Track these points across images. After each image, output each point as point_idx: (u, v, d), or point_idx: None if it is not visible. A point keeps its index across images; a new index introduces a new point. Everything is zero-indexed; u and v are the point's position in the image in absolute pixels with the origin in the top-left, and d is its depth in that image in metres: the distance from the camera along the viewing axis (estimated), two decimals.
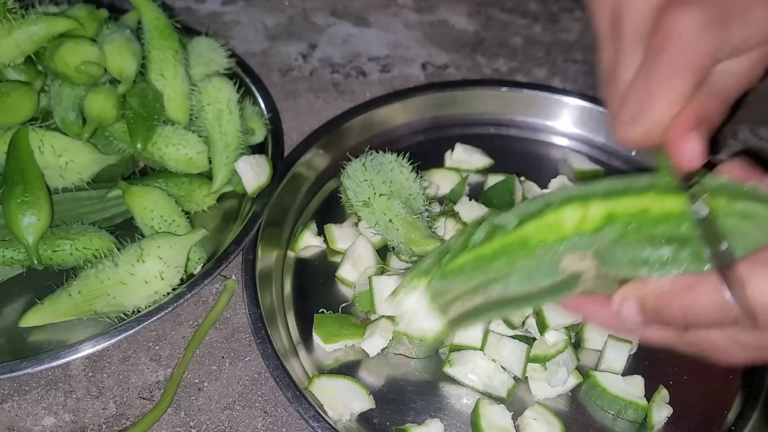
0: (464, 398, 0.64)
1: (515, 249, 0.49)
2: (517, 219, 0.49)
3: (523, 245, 0.49)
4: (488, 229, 0.50)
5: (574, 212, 0.48)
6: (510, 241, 0.49)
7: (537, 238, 0.48)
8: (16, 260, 0.68)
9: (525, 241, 0.49)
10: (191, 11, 1.06)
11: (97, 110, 0.71)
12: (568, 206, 0.48)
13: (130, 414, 0.62)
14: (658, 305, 0.46)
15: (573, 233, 0.48)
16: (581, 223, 0.48)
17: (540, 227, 0.49)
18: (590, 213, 0.48)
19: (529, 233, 0.49)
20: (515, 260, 0.49)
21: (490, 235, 0.50)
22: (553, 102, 0.89)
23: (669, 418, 0.63)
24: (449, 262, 0.51)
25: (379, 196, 0.69)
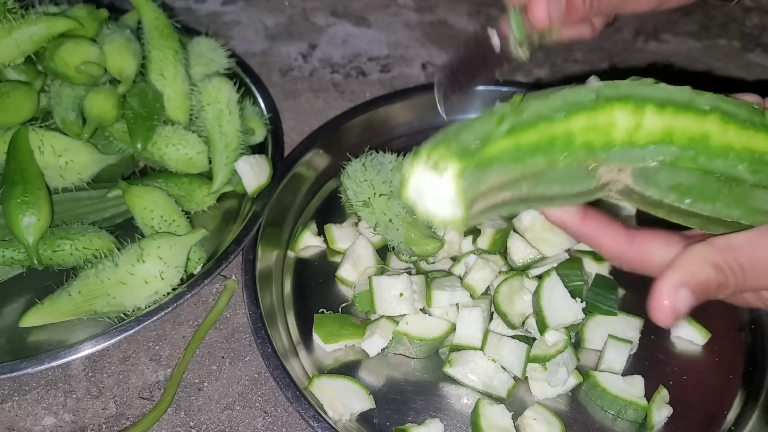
0: (464, 398, 0.64)
1: (559, 146, 0.45)
2: (565, 108, 0.45)
3: (568, 143, 0.45)
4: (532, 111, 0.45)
5: (627, 117, 0.45)
6: (555, 134, 0.45)
7: (583, 137, 0.45)
8: (16, 260, 0.68)
9: (570, 139, 0.45)
10: (191, 11, 1.06)
11: (97, 110, 0.71)
12: (621, 107, 0.45)
13: (130, 414, 0.62)
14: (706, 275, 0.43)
15: (623, 142, 0.45)
16: (633, 133, 0.45)
17: (588, 126, 0.45)
18: (645, 123, 0.44)
19: (576, 130, 0.45)
20: (556, 159, 0.45)
21: (534, 121, 0.45)
22: None
23: (669, 418, 0.63)
24: (487, 147, 0.45)
25: (379, 196, 0.69)
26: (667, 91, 0.46)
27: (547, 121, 0.45)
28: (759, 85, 0.96)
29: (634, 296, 0.72)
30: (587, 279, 0.70)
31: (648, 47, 1.05)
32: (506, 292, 0.66)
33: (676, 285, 0.43)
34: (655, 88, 0.46)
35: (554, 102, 0.45)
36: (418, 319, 0.66)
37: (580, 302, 0.64)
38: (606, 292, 0.69)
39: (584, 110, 0.45)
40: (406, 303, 0.65)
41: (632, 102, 0.45)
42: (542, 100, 0.46)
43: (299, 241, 0.75)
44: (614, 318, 0.68)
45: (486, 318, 0.65)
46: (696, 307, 0.54)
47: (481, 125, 0.45)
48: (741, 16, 1.12)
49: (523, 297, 0.67)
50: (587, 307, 0.66)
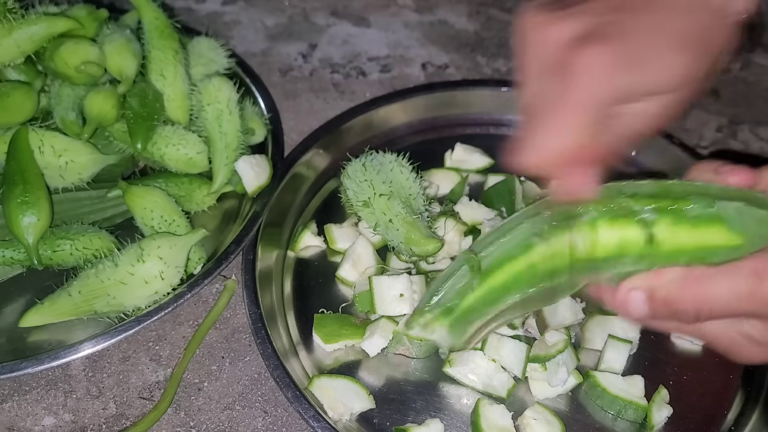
0: (464, 398, 0.64)
1: (525, 279, 0.50)
2: (524, 243, 0.49)
3: (533, 274, 0.49)
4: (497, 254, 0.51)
5: (582, 237, 0.48)
6: (518, 271, 0.50)
7: (545, 265, 0.49)
8: (16, 260, 0.68)
9: (533, 270, 0.49)
10: (191, 11, 1.06)
11: (97, 110, 0.71)
12: (576, 229, 0.48)
13: (130, 414, 0.62)
14: (669, 296, 0.46)
15: (584, 260, 0.48)
16: (591, 251, 0.48)
17: (547, 255, 0.49)
18: (600, 237, 0.48)
19: (536, 261, 0.49)
20: (526, 287, 0.50)
21: (498, 263, 0.50)
22: None
23: (669, 418, 0.63)
24: (463, 301, 0.52)
25: (379, 196, 0.69)
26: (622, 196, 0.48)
27: (509, 259, 0.50)
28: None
29: None
30: None
31: None
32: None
33: (634, 287, 0.48)
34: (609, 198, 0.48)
35: (513, 240, 0.50)
36: None
37: (580, 302, 0.64)
38: None
39: (542, 241, 0.49)
40: (406, 303, 0.65)
41: (586, 223, 0.48)
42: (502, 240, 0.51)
43: (299, 241, 0.75)
44: (614, 318, 0.68)
45: None
46: None
47: (455, 280, 0.53)
48: None
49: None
50: (587, 307, 0.66)
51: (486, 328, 0.55)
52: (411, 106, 0.89)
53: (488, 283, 0.51)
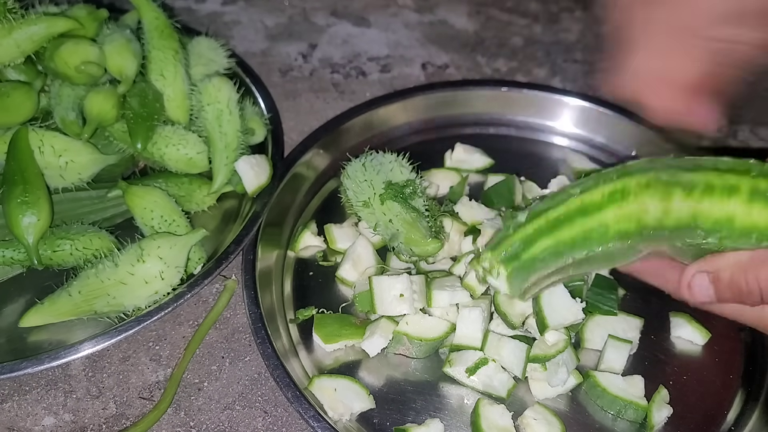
0: (464, 398, 0.64)
1: (595, 237, 0.49)
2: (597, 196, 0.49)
3: (604, 233, 0.49)
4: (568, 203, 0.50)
5: (657, 203, 0.47)
6: (590, 227, 0.49)
7: (617, 227, 0.48)
8: (16, 260, 0.68)
9: (605, 230, 0.48)
10: (191, 11, 1.06)
11: (97, 110, 0.71)
12: (650, 193, 0.47)
13: (130, 414, 0.62)
14: (734, 277, 0.46)
15: (654, 225, 0.48)
16: (664, 217, 0.47)
17: (621, 215, 0.48)
18: (674, 207, 0.47)
19: (609, 221, 0.48)
20: (594, 248, 0.49)
21: (569, 217, 0.50)
22: (553, 102, 0.89)
23: (669, 418, 0.63)
24: (529, 249, 0.51)
25: (378, 196, 0.69)
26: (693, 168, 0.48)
27: (581, 214, 0.49)
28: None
29: (634, 296, 0.72)
30: (587, 279, 0.70)
31: None
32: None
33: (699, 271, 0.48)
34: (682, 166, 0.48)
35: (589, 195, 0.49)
36: (418, 319, 0.66)
37: (580, 302, 0.64)
38: (606, 292, 0.69)
39: (616, 200, 0.48)
40: (406, 303, 0.65)
41: (661, 186, 0.47)
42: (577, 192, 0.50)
43: (299, 241, 0.75)
44: (614, 318, 0.68)
45: (486, 318, 0.65)
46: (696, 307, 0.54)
47: (525, 226, 0.52)
48: None
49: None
50: (587, 307, 0.66)
51: (543, 282, 0.55)
52: (411, 106, 0.89)
53: (558, 236, 0.50)
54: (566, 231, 0.50)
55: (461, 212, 0.75)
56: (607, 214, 0.48)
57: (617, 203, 0.48)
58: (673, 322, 0.70)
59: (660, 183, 0.48)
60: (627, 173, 0.49)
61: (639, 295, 0.72)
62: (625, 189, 0.48)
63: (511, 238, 0.52)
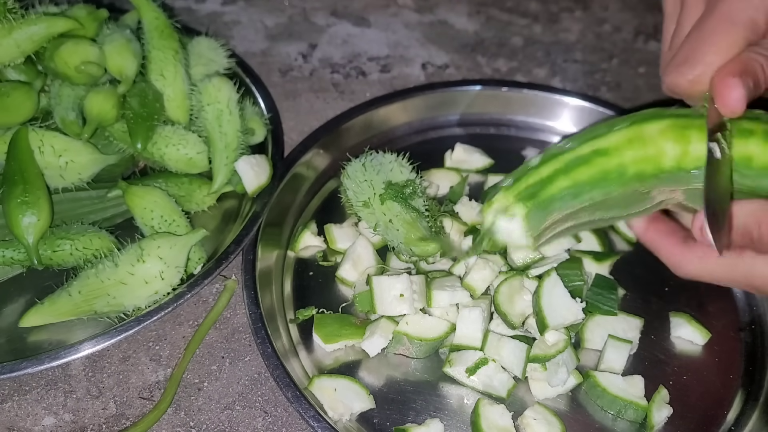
0: (464, 398, 0.64)
1: (613, 178, 0.48)
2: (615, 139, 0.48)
3: (621, 174, 0.48)
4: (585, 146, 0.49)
5: (674, 145, 0.47)
6: (608, 168, 0.48)
7: (635, 168, 0.48)
8: (16, 260, 0.68)
9: (623, 170, 0.48)
10: (191, 11, 1.06)
11: (97, 110, 0.71)
12: (667, 136, 0.47)
13: (130, 414, 0.62)
14: (747, 224, 0.46)
15: (672, 168, 0.47)
16: (681, 159, 0.47)
17: (638, 157, 0.48)
18: (691, 149, 0.47)
19: (627, 162, 0.48)
20: (611, 190, 0.49)
21: (587, 157, 0.49)
22: (553, 102, 0.89)
23: (669, 418, 0.63)
24: (547, 188, 0.50)
25: (378, 197, 0.69)
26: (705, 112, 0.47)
27: (600, 155, 0.48)
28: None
29: (634, 296, 0.72)
30: (587, 279, 0.70)
31: (648, 47, 1.05)
32: (506, 292, 0.66)
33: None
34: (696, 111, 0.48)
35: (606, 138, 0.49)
36: (418, 319, 0.66)
37: (580, 302, 0.64)
38: (606, 292, 0.69)
39: (635, 142, 0.48)
40: (406, 303, 0.65)
41: (678, 129, 0.47)
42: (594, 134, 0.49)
43: (299, 241, 0.75)
44: (614, 318, 0.68)
45: (486, 318, 0.65)
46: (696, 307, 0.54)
47: (540, 167, 0.51)
48: None
49: (523, 297, 0.67)
50: (587, 307, 0.66)
51: (556, 228, 0.54)
52: (411, 106, 0.89)
53: (575, 176, 0.49)
54: (584, 171, 0.49)
55: (461, 212, 0.75)
56: (625, 156, 0.48)
57: (635, 147, 0.48)
58: (673, 322, 0.70)
59: (677, 127, 0.47)
60: (641, 120, 0.49)
61: (639, 295, 0.72)
62: (642, 135, 0.48)
63: (527, 178, 0.51)
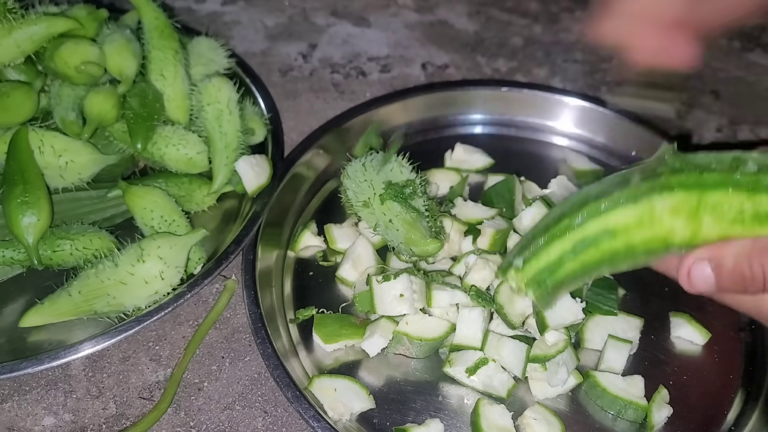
0: (464, 398, 0.64)
1: (621, 257, 0.49)
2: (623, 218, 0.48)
3: (630, 253, 0.49)
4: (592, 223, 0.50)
5: (684, 224, 0.47)
6: (616, 248, 0.49)
7: (644, 247, 0.48)
8: (16, 260, 0.68)
9: (632, 249, 0.48)
10: (191, 11, 1.06)
11: (97, 110, 0.71)
12: (679, 215, 0.47)
13: (130, 414, 0.62)
14: (737, 265, 0.45)
15: (682, 244, 0.47)
16: (692, 237, 0.47)
17: (647, 237, 0.48)
18: (703, 230, 0.46)
19: (636, 242, 0.48)
20: (620, 265, 0.50)
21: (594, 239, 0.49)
22: (553, 102, 0.89)
23: (669, 418, 0.63)
24: (555, 272, 0.51)
25: (378, 197, 0.69)
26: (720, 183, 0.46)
27: (607, 237, 0.49)
28: None
29: (634, 296, 0.72)
30: None
31: None
32: (506, 292, 0.66)
33: (699, 258, 0.47)
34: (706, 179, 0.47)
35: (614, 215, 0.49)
36: (418, 319, 0.66)
37: (580, 302, 0.64)
38: (606, 292, 0.69)
39: (644, 222, 0.48)
40: (406, 303, 0.65)
41: (688, 207, 0.46)
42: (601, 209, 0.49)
43: (299, 241, 0.75)
44: (614, 318, 0.68)
45: (486, 318, 0.65)
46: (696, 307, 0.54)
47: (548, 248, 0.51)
48: None
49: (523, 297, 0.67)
50: (587, 307, 0.66)
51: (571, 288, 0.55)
52: (411, 106, 0.89)
53: (584, 259, 0.50)
54: (592, 253, 0.50)
55: (460, 212, 0.75)
56: (634, 236, 0.48)
57: (645, 227, 0.48)
58: (673, 322, 0.70)
59: (689, 208, 0.47)
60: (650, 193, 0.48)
61: (639, 295, 0.72)
62: (652, 214, 0.48)
63: (536, 261, 0.52)
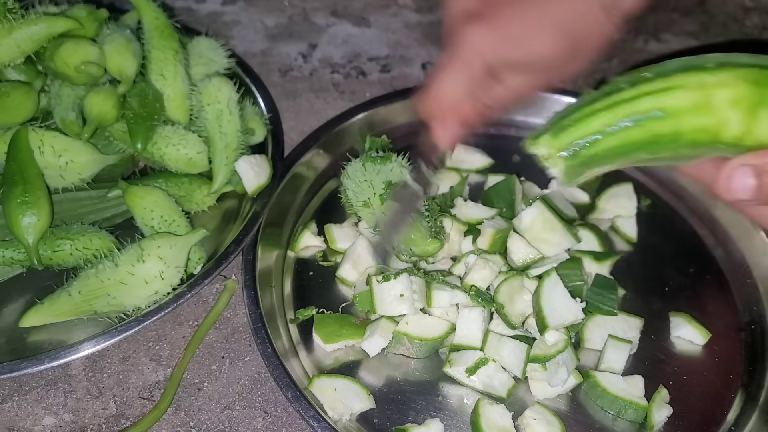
0: (464, 398, 0.64)
1: (664, 142, 0.45)
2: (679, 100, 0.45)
3: (674, 140, 0.45)
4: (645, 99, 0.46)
5: (739, 118, 0.44)
6: (662, 132, 0.45)
7: (690, 136, 0.45)
8: (16, 260, 0.68)
9: (677, 137, 0.45)
10: (191, 11, 1.06)
11: (97, 110, 0.71)
12: (736, 106, 0.44)
13: (130, 414, 0.62)
14: None
15: (731, 142, 0.44)
16: (743, 135, 0.44)
17: (698, 126, 0.44)
18: (757, 129, 0.43)
19: (685, 129, 0.44)
20: (660, 153, 0.46)
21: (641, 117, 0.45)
22: (553, 102, 0.89)
23: (669, 418, 0.63)
24: (591, 146, 0.47)
25: (378, 196, 0.69)
26: None
27: (656, 118, 0.45)
28: None
29: (634, 296, 0.72)
30: (587, 279, 0.70)
31: (648, 47, 1.05)
32: (506, 292, 0.66)
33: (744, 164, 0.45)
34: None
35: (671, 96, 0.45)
36: (418, 319, 0.66)
37: (580, 302, 0.64)
38: (606, 292, 0.69)
39: (700, 109, 0.44)
40: (406, 303, 0.65)
41: (747, 101, 0.44)
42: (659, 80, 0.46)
43: (299, 241, 0.75)
44: (614, 318, 0.68)
45: (486, 318, 0.65)
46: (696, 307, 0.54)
47: (590, 118, 0.47)
48: (741, 16, 1.12)
49: (523, 297, 0.67)
50: (587, 307, 0.67)
51: (598, 171, 0.50)
52: (411, 106, 0.88)
53: (625, 137, 0.46)
54: (635, 133, 0.45)
55: (459, 212, 0.75)
56: (683, 122, 0.44)
57: (698, 114, 0.44)
58: (673, 322, 0.70)
59: (751, 101, 0.44)
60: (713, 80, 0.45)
61: (639, 295, 0.72)
62: (710, 101, 0.44)
63: (575, 131, 0.47)
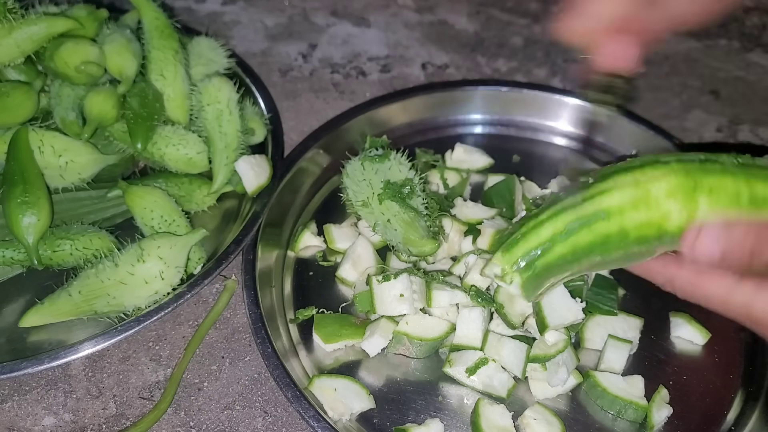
0: (464, 398, 0.64)
1: (614, 242, 0.47)
2: (618, 199, 0.47)
3: (622, 237, 0.47)
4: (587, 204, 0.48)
5: (678, 207, 0.46)
6: (609, 232, 0.47)
7: (636, 232, 0.47)
8: (16, 260, 0.68)
9: (624, 233, 0.47)
10: (191, 11, 1.06)
11: (97, 110, 0.71)
12: (673, 197, 0.46)
13: (130, 414, 0.62)
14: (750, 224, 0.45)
15: (676, 231, 0.46)
16: (687, 224, 0.46)
17: (642, 221, 0.47)
18: (699, 212, 0.46)
19: (630, 227, 0.47)
20: (611, 252, 0.48)
21: (587, 220, 0.48)
22: (553, 102, 0.89)
23: (669, 418, 0.63)
24: (543, 255, 0.49)
25: (377, 196, 0.69)
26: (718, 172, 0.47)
27: (601, 219, 0.48)
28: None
29: (634, 296, 0.72)
30: (587, 279, 0.70)
31: None
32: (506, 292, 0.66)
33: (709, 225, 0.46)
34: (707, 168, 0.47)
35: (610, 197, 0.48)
36: (418, 319, 0.66)
37: (580, 302, 0.64)
38: (606, 292, 0.69)
39: (640, 204, 0.47)
40: (406, 303, 0.65)
41: (684, 191, 0.46)
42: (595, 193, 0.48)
43: (299, 241, 0.75)
44: (614, 318, 0.68)
45: (486, 318, 0.65)
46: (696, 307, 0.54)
47: (539, 228, 0.49)
48: (741, 16, 1.12)
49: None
50: (587, 307, 0.66)
51: (557, 281, 0.53)
52: (411, 106, 0.89)
53: (575, 242, 0.48)
54: (584, 236, 0.48)
55: (459, 212, 0.75)
56: (627, 219, 0.47)
57: (639, 209, 0.47)
58: (673, 322, 0.70)
59: (686, 188, 0.46)
60: (648, 177, 0.48)
61: (639, 295, 0.72)
62: (648, 196, 0.47)
63: (525, 244, 0.50)
